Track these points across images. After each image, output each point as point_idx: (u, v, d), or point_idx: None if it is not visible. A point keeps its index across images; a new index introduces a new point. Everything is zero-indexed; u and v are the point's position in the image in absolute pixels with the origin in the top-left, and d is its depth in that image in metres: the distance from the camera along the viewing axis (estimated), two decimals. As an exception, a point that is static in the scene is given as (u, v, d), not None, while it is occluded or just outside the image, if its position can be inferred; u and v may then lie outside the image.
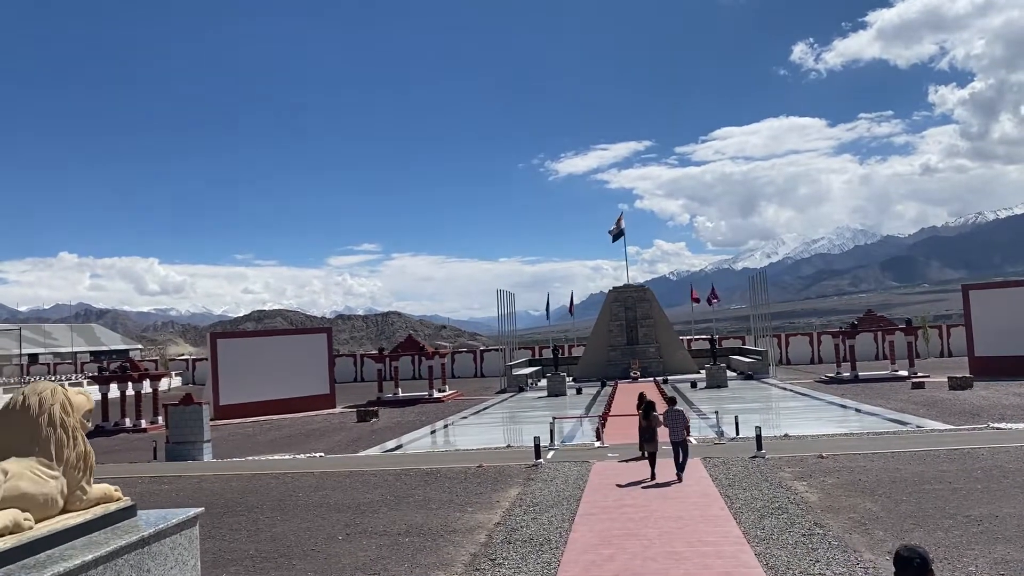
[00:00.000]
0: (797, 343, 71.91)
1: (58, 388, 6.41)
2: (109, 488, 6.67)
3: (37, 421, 6.05)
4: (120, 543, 5.85)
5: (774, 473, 17.61)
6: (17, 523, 5.40)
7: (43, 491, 5.79)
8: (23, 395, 6.19)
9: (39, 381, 6.63)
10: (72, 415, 6.30)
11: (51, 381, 6.68)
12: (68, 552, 5.59)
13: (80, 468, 6.27)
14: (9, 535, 5.30)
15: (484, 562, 11.71)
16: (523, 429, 32.24)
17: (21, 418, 6.05)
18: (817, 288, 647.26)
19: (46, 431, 6.06)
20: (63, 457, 6.11)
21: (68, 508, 6.10)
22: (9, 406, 6.17)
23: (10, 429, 6.04)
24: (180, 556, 6.69)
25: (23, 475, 5.63)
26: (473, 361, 76.08)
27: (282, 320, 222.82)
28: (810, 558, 10.93)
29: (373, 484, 19.01)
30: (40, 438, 6.04)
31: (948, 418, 27.21)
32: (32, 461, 5.89)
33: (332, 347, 50.11)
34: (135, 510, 6.91)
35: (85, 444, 6.43)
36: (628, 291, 60.34)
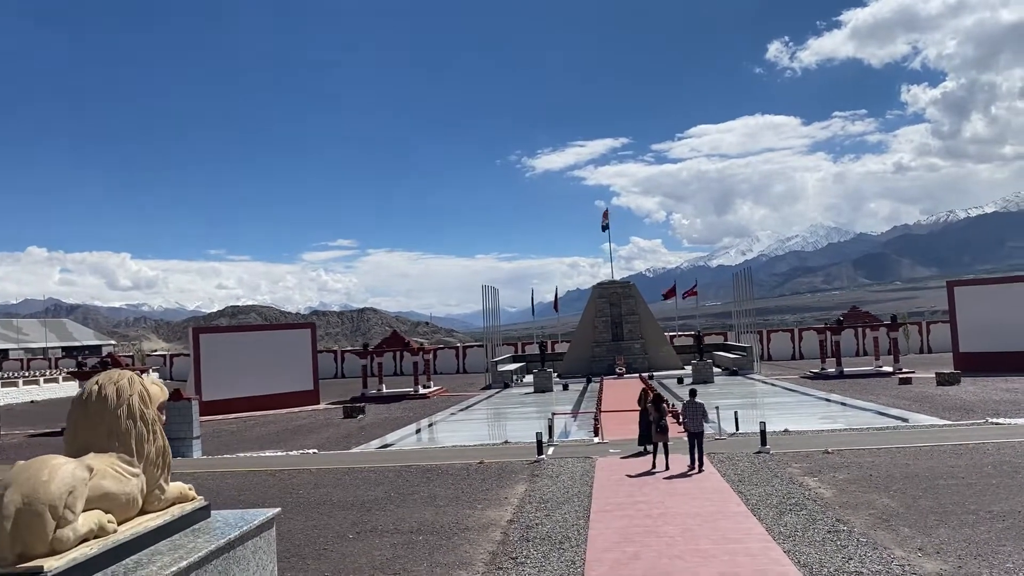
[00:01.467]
0: (779, 339, 72.28)
1: (135, 377, 5.94)
2: (184, 486, 6.23)
3: (115, 413, 5.59)
4: (209, 548, 5.41)
5: (783, 469, 17.42)
6: (102, 526, 4.96)
7: (125, 490, 5.34)
8: (98, 385, 5.69)
9: (113, 369, 6.14)
10: (151, 407, 5.85)
11: (125, 369, 6.16)
12: (156, 558, 5.14)
13: (159, 465, 5.79)
14: (94, 539, 4.87)
15: (506, 561, 11.37)
16: (516, 425, 31.93)
17: (98, 410, 5.58)
18: (791, 285, 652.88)
19: (126, 424, 5.61)
20: (143, 453, 5.64)
21: (146, 508, 5.64)
22: (84, 396, 5.66)
23: (87, 422, 5.57)
24: (260, 560, 6.25)
25: (106, 473, 5.18)
26: (456, 357, 75.68)
27: (256, 316, 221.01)
28: (841, 555, 10.71)
29: (374, 481, 18.60)
30: (120, 432, 5.58)
31: (942, 413, 27.23)
32: (112, 457, 5.44)
33: (316, 343, 49.50)
34: (209, 510, 6.48)
35: (164, 439, 5.96)
36: (613, 287, 60.19)
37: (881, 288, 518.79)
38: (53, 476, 4.64)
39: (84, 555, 4.68)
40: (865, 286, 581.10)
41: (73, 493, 4.70)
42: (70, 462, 4.92)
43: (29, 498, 4.48)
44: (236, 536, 5.79)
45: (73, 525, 4.65)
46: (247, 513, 6.57)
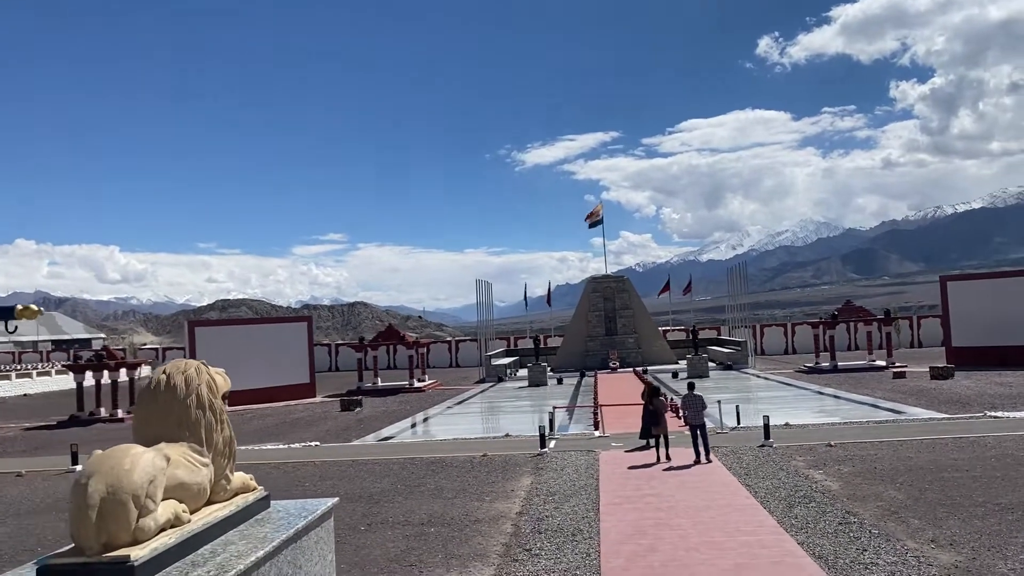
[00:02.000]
0: (772, 333, 72.50)
1: (202, 366, 5.91)
2: (246, 476, 6.21)
3: (185, 403, 5.57)
4: (281, 537, 5.40)
5: (787, 462, 17.52)
6: (178, 516, 4.96)
7: (196, 480, 5.33)
8: (166, 374, 5.67)
9: (179, 359, 6.12)
10: (217, 396, 5.83)
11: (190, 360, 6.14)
12: (229, 547, 5.16)
13: (226, 455, 5.75)
14: (170, 528, 4.86)
15: (520, 553, 11.41)
16: (514, 419, 31.98)
17: (167, 399, 5.55)
18: (781, 280, 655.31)
19: (195, 414, 5.58)
20: (212, 442, 5.59)
21: (212, 498, 5.62)
22: (151, 386, 5.65)
23: (157, 411, 5.55)
24: (321, 551, 6.23)
25: (179, 463, 5.18)
26: (448, 351, 75.66)
27: (247, 310, 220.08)
28: (855, 547, 10.79)
29: (380, 473, 18.61)
30: (189, 421, 5.56)
31: (939, 407, 27.39)
32: (184, 447, 5.42)
33: (312, 336, 49.38)
34: (269, 500, 6.46)
35: (230, 428, 5.94)
36: (607, 281, 60.26)
37: (869, 283, 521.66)
38: (135, 465, 4.64)
39: (164, 545, 4.68)
40: (854, 281, 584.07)
41: (154, 482, 4.70)
42: (149, 451, 4.92)
43: (113, 487, 4.49)
44: (303, 526, 5.76)
45: (154, 515, 4.65)
46: (306, 503, 6.55)
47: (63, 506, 17.03)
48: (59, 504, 17.27)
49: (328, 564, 6.46)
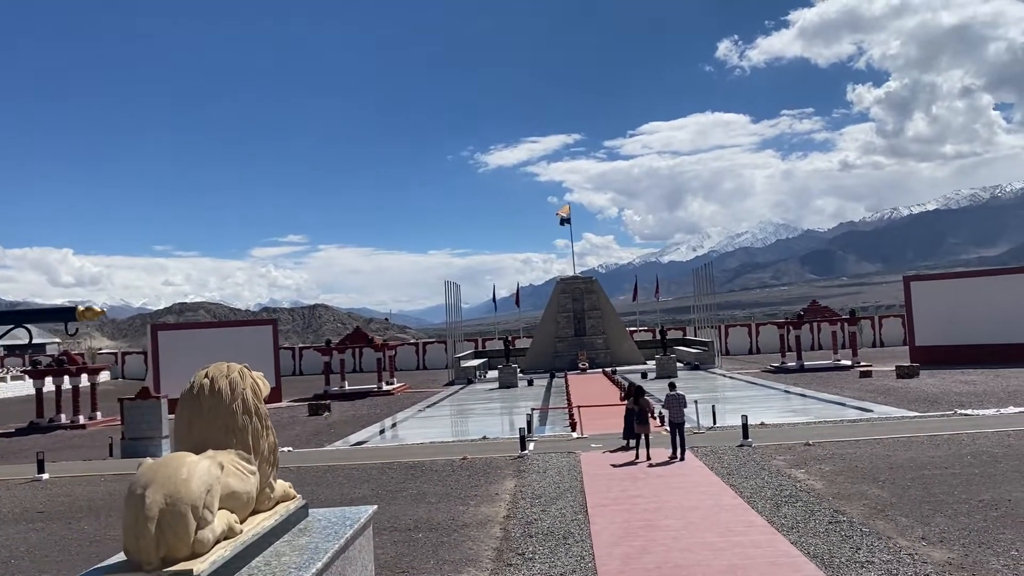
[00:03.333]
0: (736, 334, 73.19)
1: (245, 369, 5.64)
2: (286, 484, 5.95)
3: (231, 408, 5.30)
4: (333, 548, 5.13)
5: (768, 461, 17.59)
6: (231, 527, 4.70)
7: (246, 489, 5.06)
8: (210, 378, 5.40)
9: (221, 363, 5.82)
10: (262, 401, 5.56)
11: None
12: (282, 560, 4.86)
13: (271, 462, 5.48)
14: (224, 540, 4.60)
15: (513, 557, 11.26)
16: (488, 421, 31.84)
17: (213, 405, 5.28)
18: (741, 281, 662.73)
19: (242, 420, 5.32)
20: (259, 449, 5.30)
21: (257, 507, 5.35)
22: (195, 391, 5.36)
23: (202, 417, 5.27)
24: (364, 560, 5.99)
25: (230, 471, 4.91)
26: (416, 354, 75.19)
27: (205, 313, 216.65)
28: (848, 546, 10.81)
29: (358, 479, 18.34)
30: (236, 428, 5.28)
31: (908, 405, 27.78)
32: (232, 454, 5.14)
33: (278, 340, 48.74)
34: (308, 509, 6.21)
35: (274, 434, 5.67)
36: (576, 283, 60.36)
37: (828, 283, 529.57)
38: (192, 474, 4.40)
39: (222, 558, 4.45)
40: (812, 282, 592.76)
41: (211, 492, 4.46)
42: (204, 459, 4.66)
43: (172, 498, 4.24)
44: (351, 535, 5.54)
45: (211, 526, 4.42)
46: (346, 512, 6.32)
47: (32, 516, 16.54)
48: (27, 514, 16.76)
49: (370, 573, 6.26)
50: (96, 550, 13.33)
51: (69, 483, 20.34)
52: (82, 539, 14.22)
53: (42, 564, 12.64)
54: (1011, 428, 20.12)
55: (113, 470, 22.26)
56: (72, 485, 20.04)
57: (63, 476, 21.37)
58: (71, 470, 22.56)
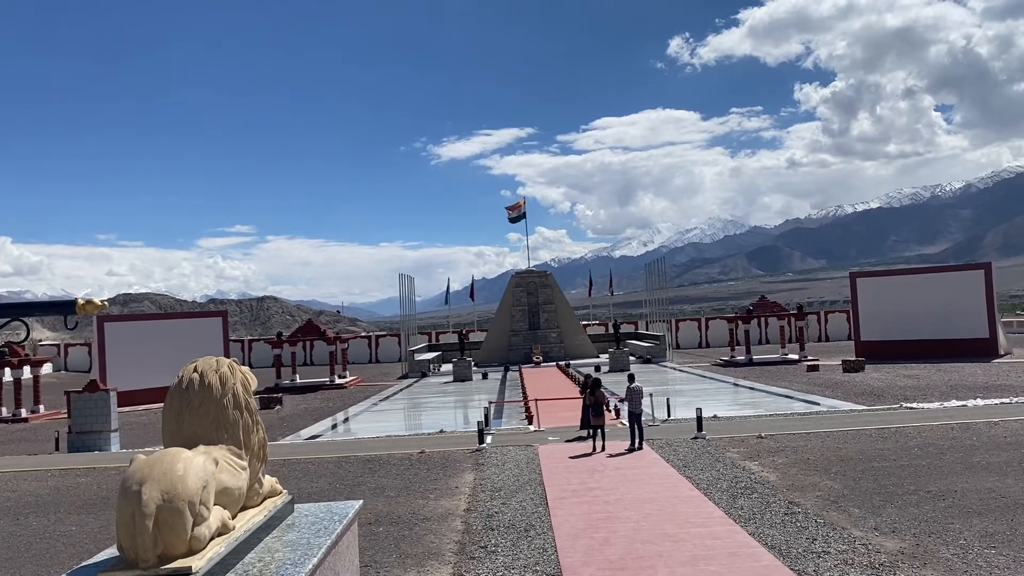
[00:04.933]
0: (686, 328, 74.06)
1: (234, 364, 5.50)
2: (273, 480, 5.83)
3: (221, 403, 5.18)
4: (326, 544, 5.05)
5: (722, 453, 17.88)
6: (225, 523, 4.60)
7: (237, 484, 4.95)
8: (199, 372, 5.26)
9: (209, 356, 5.67)
10: (252, 395, 5.44)
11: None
12: (275, 555, 4.75)
13: (260, 457, 5.36)
14: (218, 536, 4.51)
15: (476, 550, 11.28)
16: (444, 414, 31.80)
17: (203, 399, 5.16)
18: (689, 276, 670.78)
19: (232, 414, 5.20)
20: (249, 444, 5.19)
21: (246, 503, 5.24)
22: (184, 385, 5.23)
23: (191, 412, 5.14)
24: (350, 555, 5.90)
25: (223, 467, 4.80)
26: (368, 347, 74.65)
27: (150, 304, 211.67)
28: (804, 536, 11.04)
29: (315, 473, 18.17)
30: (227, 423, 5.17)
31: (855, 399, 28.46)
32: (223, 450, 5.03)
33: (228, 331, 48.04)
34: (293, 504, 6.10)
35: (263, 429, 5.55)
36: (531, 277, 60.56)
37: (774, 279, 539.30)
38: (188, 470, 4.31)
39: (218, 554, 4.36)
40: (759, 277, 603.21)
41: (206, 488, 4.37)
42: (198, 455, 4.57)
43: (169, 494, 4.15)
44: (340, 531, 5.47)
45: (207, 522, 4.33)
46: (331, 507, 6.24)
47: (-23, 512, 16.04)
48: (-29, 510, 16.27)
49: (355, 569, 6.21)
50: (46, 547, 13.03)
51: (14, 478, 19.80)
52: (31, 536, 13.86)
53: (-10, 561, 12.30)
54: (954, 421, 20.74)
55: (60, 464, 21.73)
56: (17, 480, 19.51)
57: (7, 471, 20.79)
58: (15, 464, 21.96)
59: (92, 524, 14.45)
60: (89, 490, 17.82)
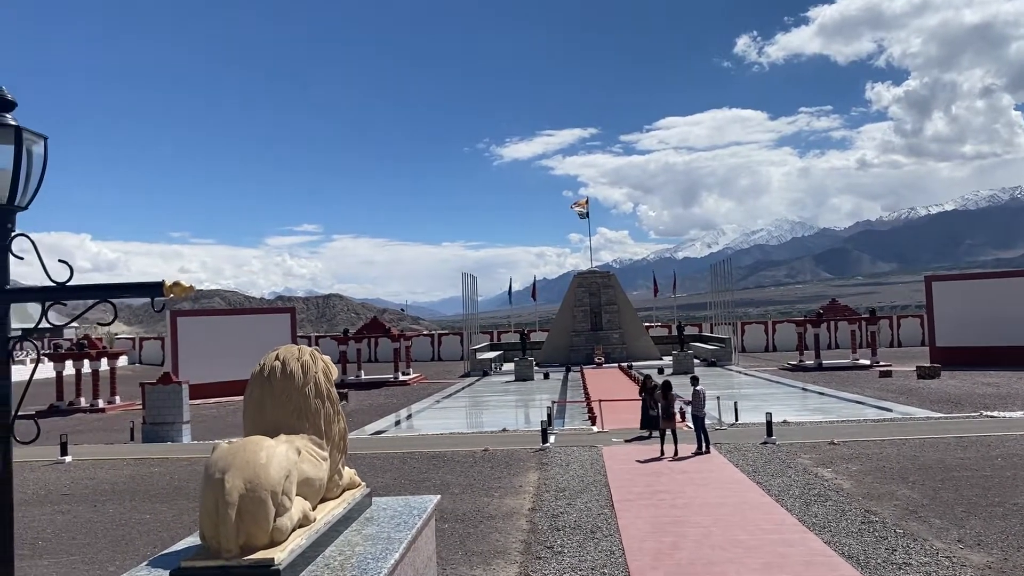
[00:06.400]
0: (753, 331, 72.70)
1: (316, 352, 5.51)
2: (352, 472, 5.86)
3: (303, 391, 5.15)
4: (408, 538, 5.04)
5: (793, 459, 17.42)
6: (306, 515, 4.58)
7: (318, 475, 4.92)
8: (281, 360, 5.26)
9: (290, 344, 5.71)
10: (333, 385, 5.46)
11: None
12: (356, 549, 4.78)
13: (340, 448, 5.36)
14: (299, 528, 4.47)
15: (542, 550, 11.17)
16: (506, 413, 31.76)
17: (284, 387, 5.13)
18: (755, 279, 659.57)
19: (314, 403, 5.17)
20: (331, 434, 5.18)
21: (326, 495, 5.21)
22: (265, 373, 5.23)
23: (274, 400, 5.12)
24: (428, 551, 5.90)
25: (305, 456, 4.77)
26: (431, 345, 75.19)
27: (220, 300, 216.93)
28: (884, 547, 10.65)
29: (381, 468, 18.30)
30: (309, 412, 5.14)
31: (930, 406, 27.52)
32: (305, 439, 4.99)
33: (296, 328, 48.88)
34: (372, 497, 6.11)
35: (344, 419, 5.56)
36: (593, 277, 60.20)
37: (843, 283, 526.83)
38: (271, 459, 4.27)
39: (299, 546, 4.33)
40: (827, 280, 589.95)
41: (289, 478, 4.35)
42: (280, 443, 4.57)
43: (252, 483, 4.11)
44: (420, 525, 5.44)
45: (290, 513, 4.30)
46: (410, 500, 6.22)
47: (57, 498, 16.60)
48: (51, 496, 16.84)
49: (433, 566, 6.17)
50: (122, 533, 13.37)
51: (92, 466, 20.41)
52: (107, 522, 14.24)
53: (69, 546, 12.66)
54: (1039, 431, 19.86)
55: (134, 454, 22.33)
56: (95, 468, 20.10)
57: (85, 459, 21.44)
58: (93, 453, 22.64)
59: (165, 513, 14.78)
60: (162, 479, 18.25)
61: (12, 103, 4.81)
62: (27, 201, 4.94)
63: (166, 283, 4.49)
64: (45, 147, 5.02)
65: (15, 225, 4.88)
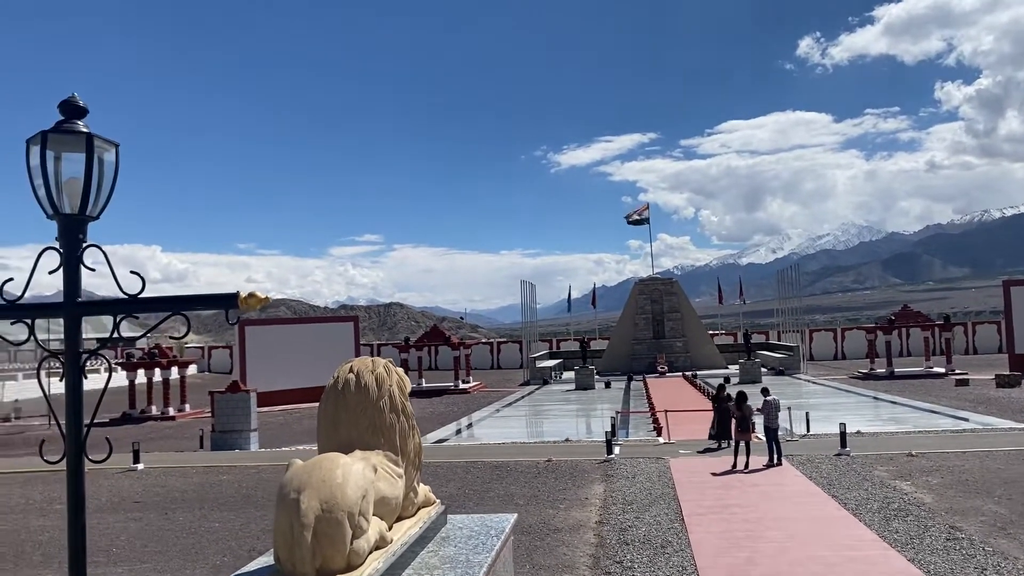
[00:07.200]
0: (821, 338, 71.00)
1: (390, 364, 5.42)
2: (427, 489, 5.74)
3: (378, 405, 5.03)
4: (486, 560, 4.91)
5: (869, 471, 16.81)
6: (383, 536, 4.43)
7: (394, 493, 4.80)
8: (355, 373, 5.14)
9: (365, 356, 5.63)
10: (408, 398, 5.37)
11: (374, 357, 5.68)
12: (434, 572, 4.65)
13: (416, 464, 5.27)
14: (376, 550, 4.32)
15: (611, 565, 10.91)
16: (567, 423, 31.52)
17: (358, 401, 5.01)
18: (822, 284, 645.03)
19: (389, 418, 5.06)
20: (406, 450, 5.09)
21: (401, 513, 5.07)
22: (339, 386, 5.10)
23: (348, 415, 5.00)
24: (507, 573, 5.80)
25: (381, 474, 4.65)
26: (490, 353, 75.20)
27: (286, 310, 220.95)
28: (972, 566, 10.12)
29: (444, 477, 18.21)
30: (384, 426, 5.02)
31: (1011, 416, 26.36)
32: (380, 456, 4.87)
33: (359, 336, 49.36)
34: (447, 515, 6.01)
35: (419, 434, 5.45)
36: (655, 284, 59.50)
37: (913, 288, 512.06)
38: (347, 478, 4.14)
39: (376, 570, 4.19)
40: (896, 286, 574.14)
41: (366, 497, 4.22)
42: (357, 461, 4.44)
43: (328, 504, 3.97)
44: (499, 547, 5.29)
45: (367, 535, 4.16)
46: (486, 519, 6.10)
47: (129, 505, 16.89)
48: (124, 504, 17.14)
49: None
50: (192, 541, 13.51)
51: (163, 474, 20.79)
52: (178, 530, 14.42)
53: (142, 554, 12.84)
54: None
55: (204, 462, 22.69)
56: (166, 476, 20.47)
57: (157, 467, 21.85)
58: (164, 461, 23.08)
59: (234, 521, 14.91)
60: (231, 487, 18.47)
61: (84, 110, 4.78)
62: (99, 211, 4.91)
63: (241, 295, 4.40)
64: (117, 155, 4.97)
65: (87, 236, 4.85)
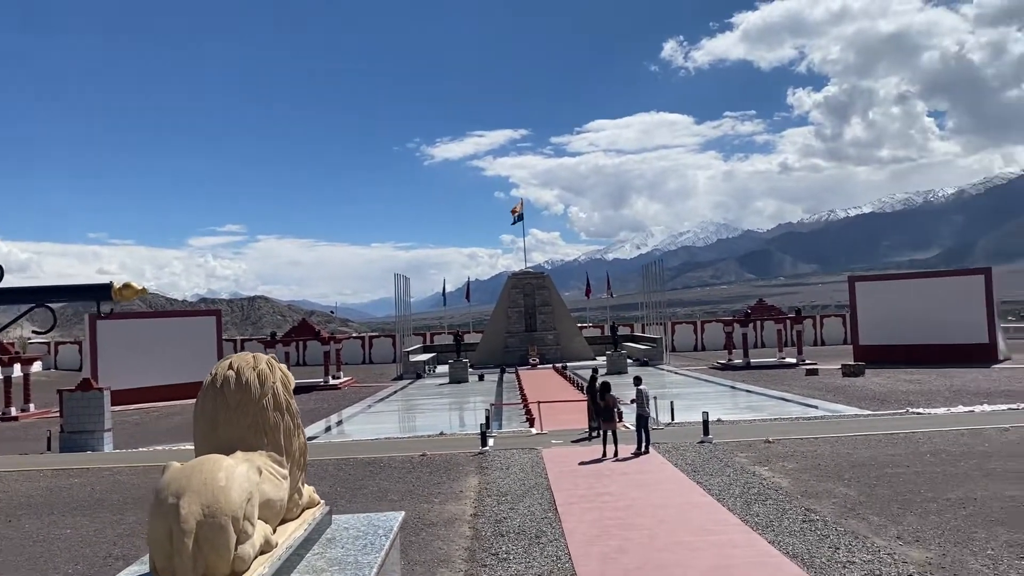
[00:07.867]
0: (682, 330, 73.69)
1: (273, 360, 5.02)
2: (311, 489, 5.38)
3: (260, 404, 4.65)
4: (376, 561, 4.61)
5: (731, 458, 17.55)
6: (268, 541, 4.13)
7: (279, 496, 4.48)
8: (235, 369, 4.74)
9: (244, 352, 5.20)
10: (292, 396, 4.98)
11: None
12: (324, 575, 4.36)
13: (301, 465, 4.86)
14: (261, 555, 4.02)
15: (487, 557, 10.92)
16: (441, 416, 31.39)
17: (240, 399, 4.63)
18: (682, 279, 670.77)
19: (273, 416, 4.69)
20: (291, 450, 4.72)
21: (285, 516, 4.76)
22: (218, 384, 4.68)
23: (228, 413, 4.61)
24: (393, 571, 5.51)
25: (266, 476, 4.32)
26: (362, 347, 74.10)
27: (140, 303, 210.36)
28: (826, 545, 10.71)
29: (315, 475, 17.69)
30: (267, 426, 4.66)
31: (858, 403, 28.20)
32: (264, 456, 4.53)
33: (221, 331, 47.54)
34: (332, 516, 5.68)
35: (304, 433, 5.08)
36: (527, 278, 60.18)
37: (765, 283, 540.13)
38: (231, 481, 3.85)
39: (262, 575, 3.94)
40: (751, 281, 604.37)
41: (251, 501, 3.94)
42: (240, 463, 4.15)
43: (211, 508, 3.69)
44: (388, 546, 5.05)
45: (252, 540, 3.89)
46: (372, 518, 5.84)
47: (-32, 514, 15.60)
48: (-38, 512, 15.82)
49: None
50: (41, 550, 12.62)
51: (5, 478, 19.34)
52: (24, 538, 13.44)
53: (-18, 566, 11.88)
54: (964, 427, 20.44)
55: (52, 464, 21.26)
56: (9, 480, 19.05)
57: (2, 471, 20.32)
58: (6, 464, 21.48)
59: (87, 527, 14.03)
60: (83, 491, 17.37)
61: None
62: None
63: (115, 285, 4.06)
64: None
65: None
